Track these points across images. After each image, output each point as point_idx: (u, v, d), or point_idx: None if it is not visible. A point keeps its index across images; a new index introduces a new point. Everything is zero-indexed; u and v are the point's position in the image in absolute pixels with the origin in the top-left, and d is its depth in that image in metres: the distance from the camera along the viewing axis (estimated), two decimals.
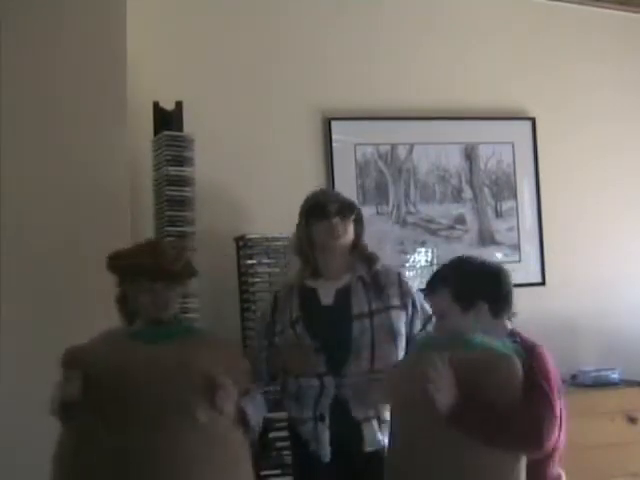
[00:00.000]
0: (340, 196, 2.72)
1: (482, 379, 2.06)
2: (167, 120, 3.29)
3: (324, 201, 2.64)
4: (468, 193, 3.99)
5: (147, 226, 3.28)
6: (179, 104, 3.32)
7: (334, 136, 3.79)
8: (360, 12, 3.87)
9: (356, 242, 2.68)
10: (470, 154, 4.00)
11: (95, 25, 3.13)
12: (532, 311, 2.40)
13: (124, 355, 2.22)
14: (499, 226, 4.02)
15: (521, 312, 2.33)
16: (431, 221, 3.92)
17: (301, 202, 2.69)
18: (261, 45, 3.71)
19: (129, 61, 3.16)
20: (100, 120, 3.09)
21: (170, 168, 3.21)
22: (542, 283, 4.00)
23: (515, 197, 4.04)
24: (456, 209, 3.96)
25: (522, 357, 2.10)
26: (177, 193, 3.21)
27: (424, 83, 3.93)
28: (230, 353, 2.40)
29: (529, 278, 3.95)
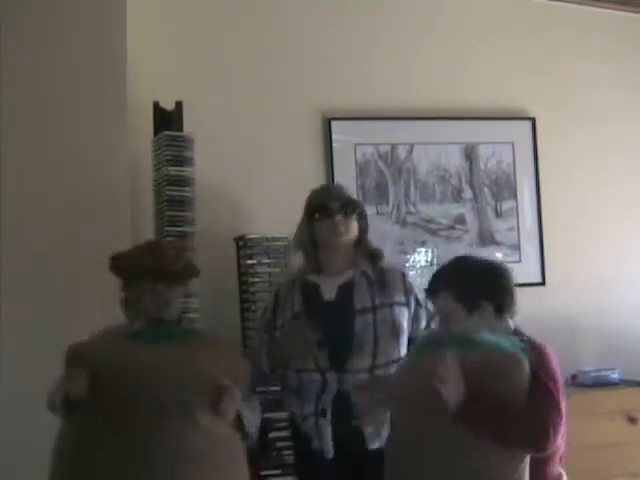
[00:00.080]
0: (343, 193, 2.70)
1: (489, 378, 2.04)
2: (167, 120, 3.30)
3: (327, 199, 2.63)
4: (468, 193, 3.98)
5: (147, 226, 3.29)
6: (179, 104, 3.32)
7: (334, 136, 3.78)
8: (360, 12, 3.87)
9: (360, 238, 2.67)
10: (470, 154, 3.99)
11: (95, 25, 3.13)
12: (532, 311, 2.39)
13: (125, 355, 2.22)
14: (499, 226, 4.01)
15: (521, 312, 2.32)
16: (431, 221, 3.92)
17: (301, 202, 2.68)
18: (261, 45, 3.71)
19: (129, 61, 3.16)
20: (100, 120, 3.09)
21: (170, 168, 3.21)
22: (542, 283, 3.99)
23: (515, 197, 4.04)
24: (456, 209, 3.96)
25: (529, 357, 2.08)
26: (177, 193, 3.21)
27: (424, 83, 3.93)
28: (230, 354, 2.40)
29: (529, 278, 3.93)
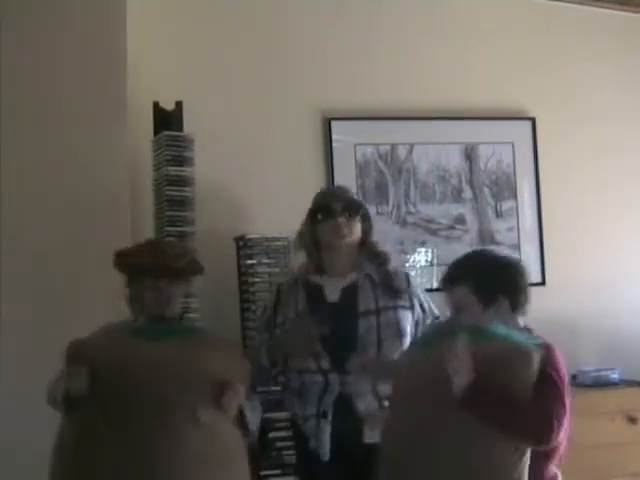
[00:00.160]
0: (347, 194, 2.69)
1: (499, 369, 2.04)
2: (167, 120, 3.29)
3: (330, 200, 2.62)
4: (468, 193, 3.98)
5: (147, 226, 3.29)
6: (179, 104, 3.32)
7: (334, 136, 3.78)
8: (360, 12, 3.87)
9: (364, 240, 2.66)
10: (470, 154, 3.99)
11: (95, 25, 3.13)
12: (532, 311, 2.39)
13: (126, 351, 2.22)
14: (499, 226, 4.01)
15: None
16: (431, 221, 3.92)
17: (301, 202, 2.68)
18: (261, 45, 3.71)
19: (129, 61, 3.16)
20: (100, 120, 3.09)
21: (170, 168, 3.21)
22: (542, 283, 3.99)
23: (515, 197, 4.04)
24: (456, 209, 3.96)
25: (540, 353, 2.08)
26: (177, 193, 3.21)
27: (424, 83, 3.93)
28: (231, 352, 2.40)
29: (529, 278, 3.92)
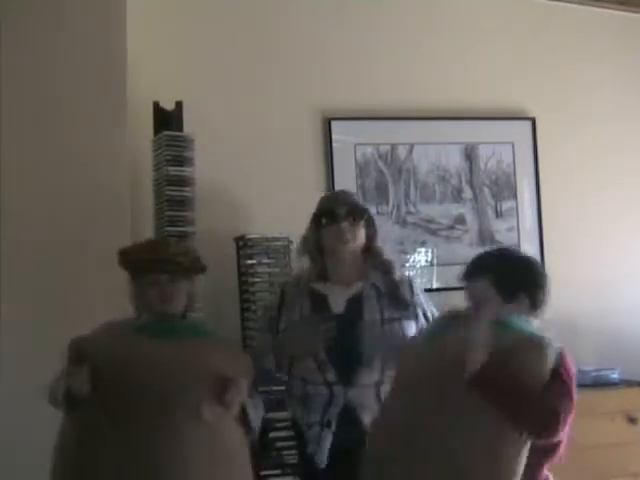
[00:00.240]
0: (351, 199, 2.66)
1: (514, 360, 2.05)
2: (167, 120, 3.29)
3: (334, 204, 2.59)
4: (468, 193, 3.98)
5: (147, 226, 3.28)
6: (179, 104, 3.32)
7: (334, 136, 3.78)
8: (360, 12, 3.87)
9: (368, 246, 2.63)
10: (470, 154, 3.99)
11: (95, 25, 3.13)
12: None
13: (128, 349, 2.22)
14: (499, 226, 4.01)
15: None
16: (431, 221, 3.92)
17: (301, 202, 2.69)
18: (261, 45, 3.71)
19: (129, 61, 3.16)
20: (100, 120, 3.09)
21: (170, 168, 3.21)
22: None
23: (515, 197, 4.04)
24: (456, 209, 3.96)
25: (556, 352, 2.09)
26: (177, 193, 3.21)
27: (424, 83, 3.93)
28: (233, 350, 2.41)
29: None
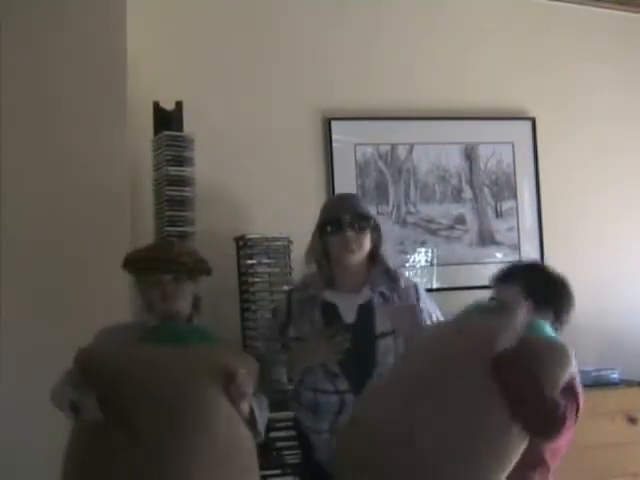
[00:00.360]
0: (357, 206, 2.64)
1: (536, 360, 2.09)
2: (167, 120, 3.29)
3: (339, 212, 2.58)
4: (468, 193, 3.98)
5: (147, 226, 3.28)
6: (179, 104, 3.32)
7: (334, 136, 3.78)
8: (360, 12, 3.87)
9: (374, 253, 2.63)
10: (470, 154, 3.99)
11: (95, 25, 3.13)
12: None
13: (134, 358, 2.21)
14: (499, 226, 4.01)
15: None
16: (431, 221, 3.92)
17: (301, 202, 2.69)
18: (261, 45, 3.71)
19: (129, 61, 3.16)
20: (100, 120, 3.09)
21: (170, 168, 3.21)
22: None
23: (515, 197, 4.04)
24: (456, 209, 3.96)
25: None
26: (177, 193, 3.21)
27: (424, 83, 3.93)
28: (240, 354, 2.41)
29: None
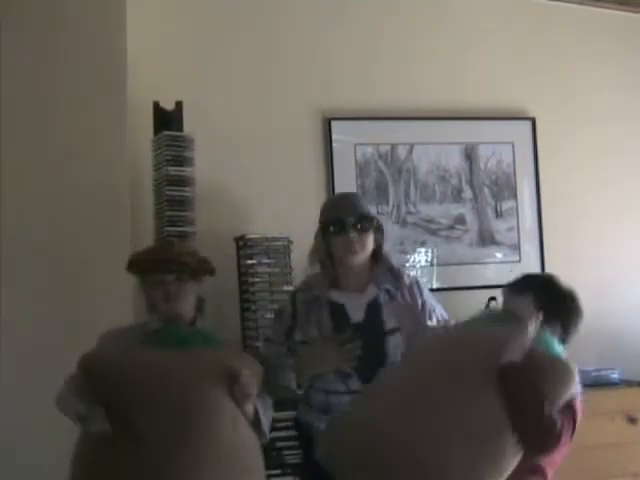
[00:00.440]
0: (359, 206, 2.63)
1: (541, 372, 2.11)
2: (167, 120, 3.29)
3: (342, 213, 2.58)
4: (468, 193, 3.98)
5: (147, 226, 3.28)
6: (179, 104, 3.32)
7: (334, 136, 3.78)
8: (360, 12, 3.87)
9: (377, 251, 2.63)
10: (470, 154, 3.99)
11: (95, 25, 3.13)
12: None
13: (137, 362, 2.21)
14: (499, 226, 4.01)
15: None
16: (431, 221, 3.92)
17: (301, 202, 2.68)
18: (261, 45, 3.71)
19: (129, 61, 3.16)
20: (100, 120, 3.09)
21: (170, 168, 3.21)
22: None
23: (515, 197, 4.04)
24: (456, 209, 3.96)
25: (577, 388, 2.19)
26: (177, 193, 3.21)
27: (424, 83, 3.93)
28: (244, 355, 2.41)
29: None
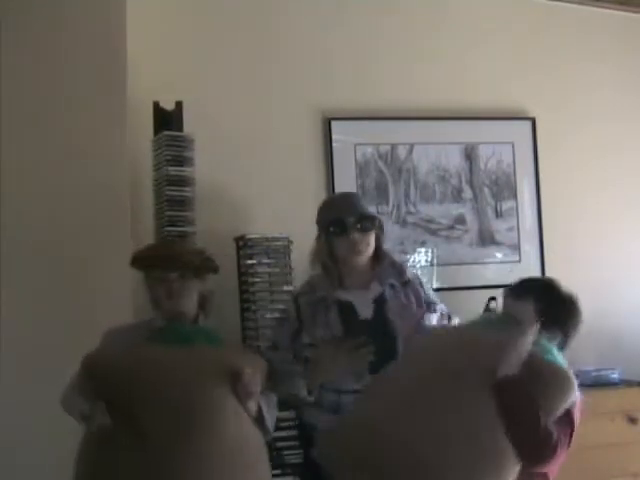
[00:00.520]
0: (359, 206, 2.64)
1: (540, 383, 2.10)
2: (167, 120, 3.29)
3: (342, 214, 2.58)
4: (468, 193, 3.98)
5: (147, 226, 3.28)
6: (179, 104, 3.32)
7: (334, 136, 3.78)
8: (360, 12, 3.87)
9: (378, 248, 2.65)
10: (470, 154, 3.99)
11: (95, 25, 3.13)
12: None
13: (141, 360, 2.21)
14: (499, 226, 4.01)
15: None
16: (431, 221, 3.92)
17: (301, 202, 2.68)
18: (261, 45, 3.71)
19: (129, 61, 3.16)
20: (100, 120, 3.09)
21: (170, 168, 3.21)
22: None
23: (515, 197, 4.04)
24: (456, 209, 3.96)
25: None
26: (177, 193, 3.21)
27: (424, 83, 3.93)
28: (246, 353, 2.41)
29: None
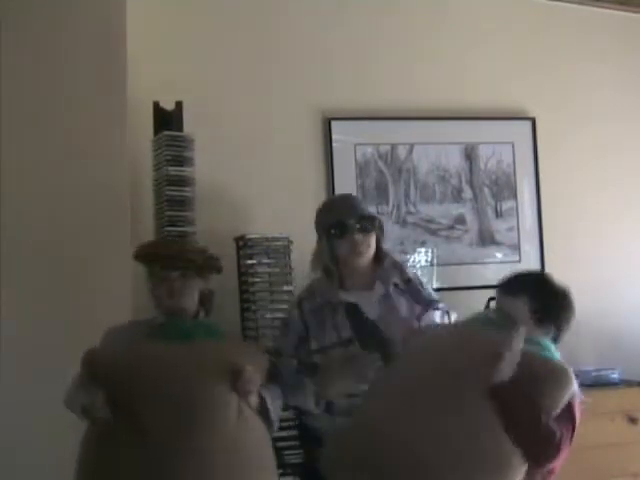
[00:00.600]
0: (359, 207, 2.65)
1: (537, 381, 2.10)
2: (167, 120, 3.29)
3: (343, 216, 2.59)
4: (468, 193, 3.98)
5: (147, 226, 3.28)
6: (179, 104, 3.31)
7: (334, 136, 3.78)
8: (360, 12, 3.87)
9: (378, 249, 2.65)
10: (470, 154, 3.99)
11: (95, 25, 3.13)
12: None
13: (141, 356, 2.21)
14: (499, 226, 4.01)
15: None
16: (431, 221, 3.92)
17: (301, 202, 2.69)
18: (261, 45, 3.71)
19: (129, 61, 3.16)
20: (100, 120, 3.09)
21: (170, 168, 3.20)
22: None
23: (515, 197, 4.04)
24: (456, 209, 3.96)
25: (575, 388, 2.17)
26: (177, 193, 3.20)
27: (424, 83, 3.93)
28: (247, 345, 2.40)
29: None
